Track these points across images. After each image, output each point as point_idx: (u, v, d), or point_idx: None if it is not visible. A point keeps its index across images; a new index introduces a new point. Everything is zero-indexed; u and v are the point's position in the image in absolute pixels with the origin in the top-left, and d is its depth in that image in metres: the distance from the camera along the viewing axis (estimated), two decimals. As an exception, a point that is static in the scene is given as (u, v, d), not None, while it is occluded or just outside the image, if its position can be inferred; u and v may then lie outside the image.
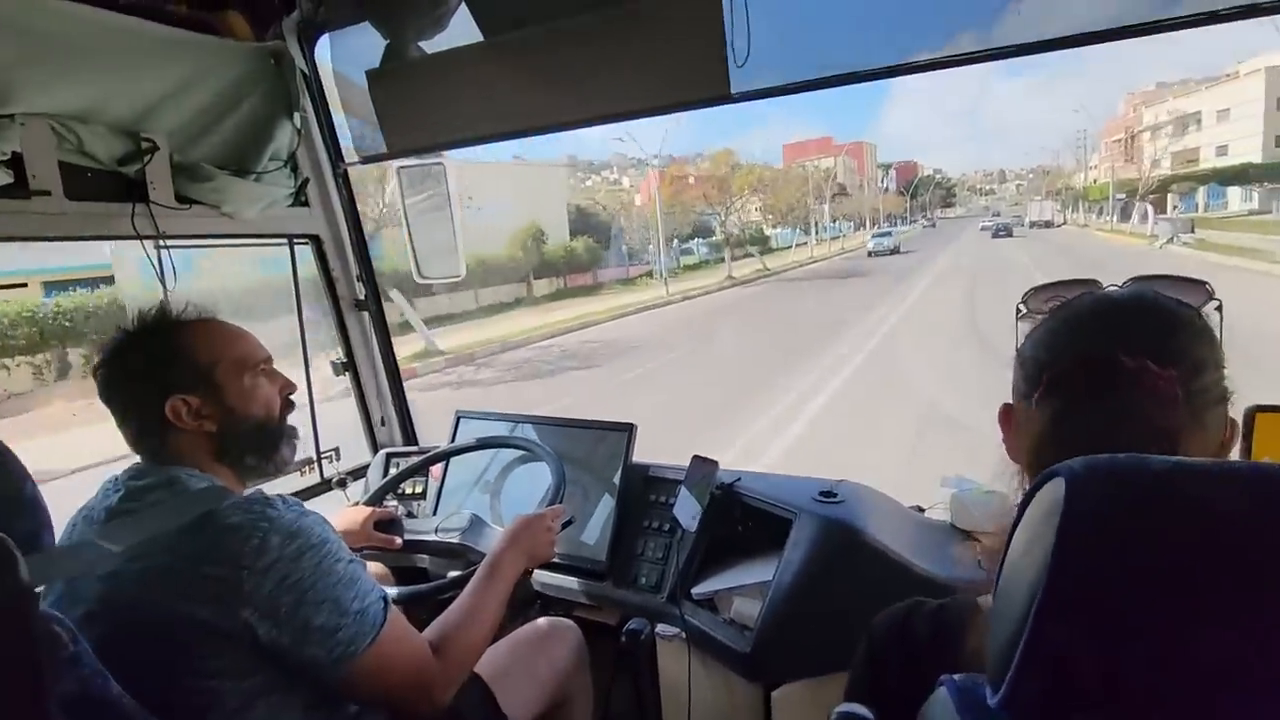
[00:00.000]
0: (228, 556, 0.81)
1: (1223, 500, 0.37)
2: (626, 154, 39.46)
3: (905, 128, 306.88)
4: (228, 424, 0.96)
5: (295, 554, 0.83)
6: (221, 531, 0.83)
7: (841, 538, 1.23)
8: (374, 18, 1.51)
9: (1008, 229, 43.29)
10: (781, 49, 1.31)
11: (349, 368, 1.93)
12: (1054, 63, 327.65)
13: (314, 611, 0.83)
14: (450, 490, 1.73)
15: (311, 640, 0.83)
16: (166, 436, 0.93)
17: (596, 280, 27.28)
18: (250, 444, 1.00)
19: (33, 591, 0.60)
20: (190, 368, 0.95)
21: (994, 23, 1.18)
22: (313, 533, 0.87)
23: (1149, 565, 0.36)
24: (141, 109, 1.31)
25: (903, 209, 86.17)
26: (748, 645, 1.20)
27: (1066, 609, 0.37)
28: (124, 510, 0.88)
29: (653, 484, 1.53)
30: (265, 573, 0.81)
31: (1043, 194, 72.62)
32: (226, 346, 0.99)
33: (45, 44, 1.15)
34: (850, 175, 77.34)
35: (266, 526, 0.83)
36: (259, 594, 0.81)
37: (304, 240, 1.77)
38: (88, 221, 1.30)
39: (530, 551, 1.19)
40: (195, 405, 0.93)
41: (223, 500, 0.86)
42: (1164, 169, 34.86)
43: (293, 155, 1.60)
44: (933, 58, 1.18)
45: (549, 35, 1.32)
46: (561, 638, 1.36)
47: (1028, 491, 0.44)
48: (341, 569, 0.87)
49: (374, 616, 0.88)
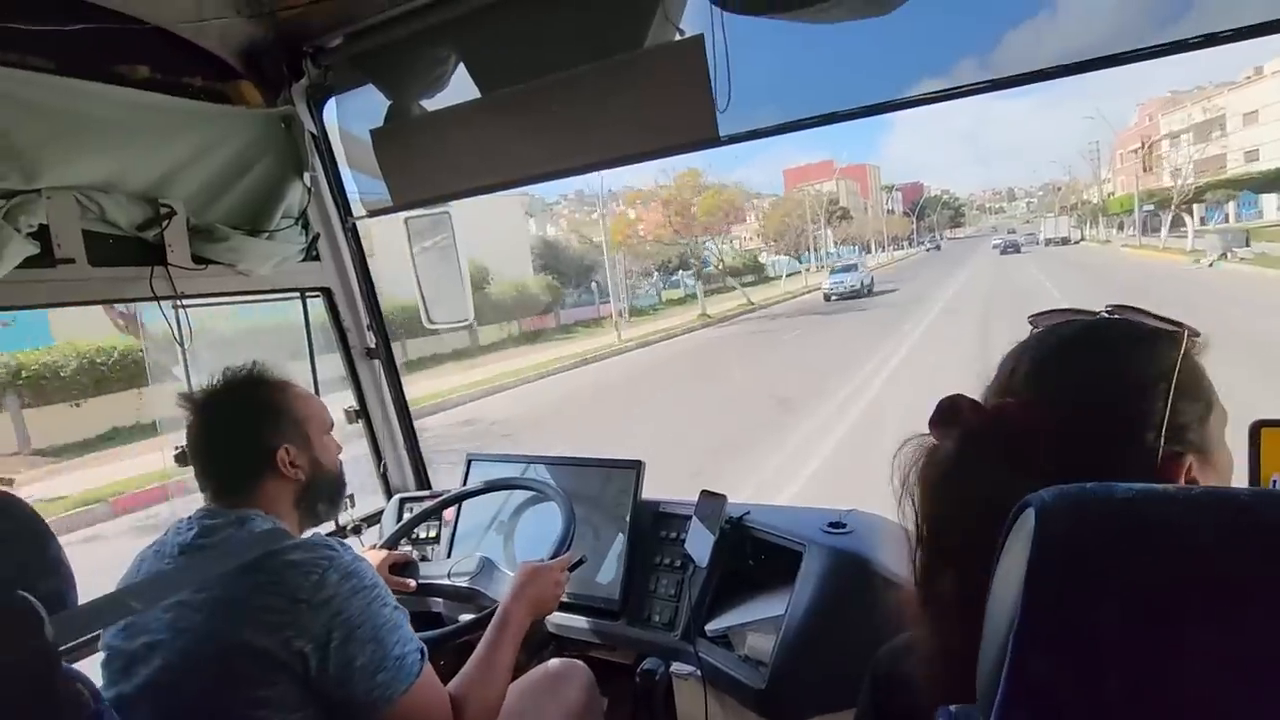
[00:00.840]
0: (288, 589, 0.87)
1: (1192, 526, 0.38)
2: (586, 189, 36.81)
3: (910, 150, 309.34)
4: (314, 474, 1.08)
5: (350, 592, 0.89)
6: (284, 566, 0.89)
7: (851, 569, 1.22)
8: (378, 80, 1.58)
9: (1015, 245, 43.07)
10: (768, 91, 1.35)
11: (362, 415, 1.96)
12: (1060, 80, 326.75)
13: (359, 650, 0.88)
14: (463, 534, 1.75)
15: (353, 678, 0.88)
16: (262, 481, 1.03)
17: (559, 322, 24.35)
18: (325, 493, 1.12)
19: (57, 652, 0.62)
20: (293, 422, 1.06)
21: (981, 54, 1.21)
22: (366, 575, 0.93)
23: (1120, 592, 0.37)
24: (159, 177, 1.38)
25: (908, 230, 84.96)
26: (763, 681, 1.19)
27: (1043, 638, 0.38)
28: (195, 547, 0.95)
29: (663, 520, 1.53)
30: (322, 606, 0.87)
31: (1055, 210, 69.30)
32: (311, 407, 1.11)
33: (70, 122, 1.22)
34: (853, 198, 76.10)
35: (326, 564, 0.90)
36: (315, 626, 0.86)
37: (315, 293, 1.83)
38: (110, 286, 1.36)
39: (537, 601, 1.21)
40: (293, 455, 1.04)
41: (284, 540, 0.94)
42: (1186, 178, 31.16)
43: (304, 212, 1.66)
44: (915, 94, 1.22)
45: (543, 88, 1.37)
46: (572, 679, 1.36)
47: (1005, 523, 0.45)
48: (388, 614, 0.93)
49: (411, 665, 0.92)
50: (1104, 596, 0.37)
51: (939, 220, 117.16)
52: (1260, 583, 0.35)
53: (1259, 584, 0.35)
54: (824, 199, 49.96)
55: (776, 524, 1.39)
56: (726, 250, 29.14)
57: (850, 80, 1.28)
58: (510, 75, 1.42)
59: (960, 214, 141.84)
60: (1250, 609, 0.35)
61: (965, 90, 1.17)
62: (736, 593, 1.40)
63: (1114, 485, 0.40)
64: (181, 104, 1.40)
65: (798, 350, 13.76)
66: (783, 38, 1.27)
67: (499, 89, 1.44)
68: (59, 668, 0.65)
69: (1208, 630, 0.36)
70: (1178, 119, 36.94)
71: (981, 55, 1.22)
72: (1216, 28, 1.01)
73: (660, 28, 1.27)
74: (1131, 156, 42.35)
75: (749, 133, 1.28)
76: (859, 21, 1.24)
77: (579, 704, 1.32)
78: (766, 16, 1.17)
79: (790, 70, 1.39)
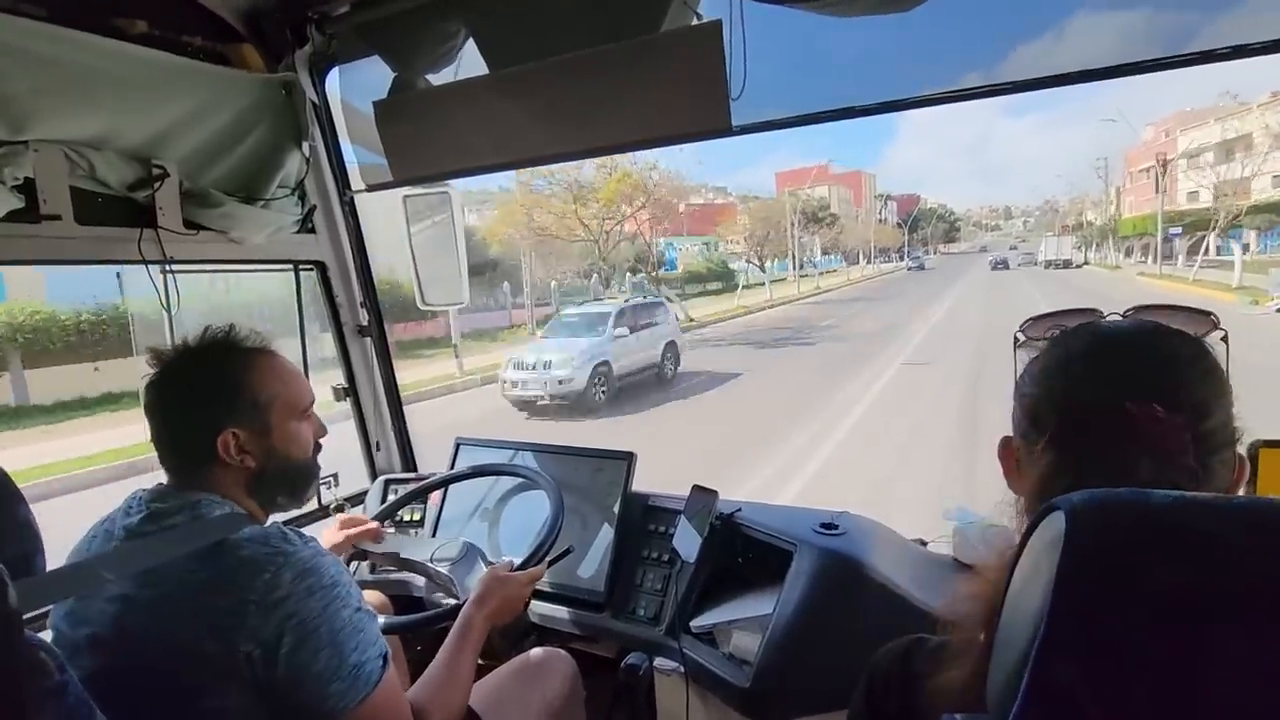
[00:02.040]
0: (237, 588, 0.80)
1: (1224, 534, 0.36)
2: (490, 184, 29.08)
3: (911, 164, 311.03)
4: (268, 463, 0.96)
5: (305, 592, 0.82)
6: (234, 563, 0.82)
7: (842, 570, 1.21)
8: (384, 52, 1.55)
9: (1005, 262, 42.28)
10: (782, 83, 1.33)
11: (350, 393, 1.93)
12: (1064, 98, 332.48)
13: (312, 656, 0.81)
14: (449, 518, 1.72)
15: (304, 686, 0.81)
16: (205, 465, 0.93)
17: (457, 329, 15.74)
18: (284, 484, 1.00)
19: (19, 617, 0.59)
20: (248, 403, 0.94)
21: (996, 60, 1.21)
22: (326, 573, 0.85)
23: (1152, 599, 0.36)
24: (153, 136, 1.34)
25: (899, 242, 79.98)
26: (747, 680, 1.17)
27: (1069, 642, 0.37)
28: (142, 532, 0.87)
29: (652, 514, 1.51)
30: (273, 608, 0.80)
31: (1055, 229, 61.94)
32: (283, 386, 0.99)
33: (61, 73, 1.18)
34: (845, 205, 71.03)
35: (281, 561, 0.82)
36: (263, 629, 0.79)
37: (309, 266, 1.79)
38: (96, 246, 1.32)
39: (500, 609, 1.16)
40: (242, 440, 0.93)
41: (239, 529, 0.86)
42: (1203, 201, 27.55)
43: (300, 183, 1.63)
44: (930, 93, 1.20)
45: (553, 69, 1.34)
46: (555, 669, 1.34)
47: (1029, 524, 0.43)
48: (348, 615, 0.85)
49: (370, 673, 0.85)
50: (1135, 602, 0.35)
51: (933, 234, 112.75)
52: None
53: None
54: (814, 203, 46.58)
55: (768, 522, 1.37)
56: (695, 253, 26.75)
57: (866, 76, 1.26)
58: (520, 53, 1.39)
59: (955, 228, 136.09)
60: None
61: (981, 91, 1.16)
62: (724, 590, 1.38)
63: (1147, 491, 0.39)
64: (179, 63, 1.35)
65: (682, 421, 8.98)
66: (800, 29, 1.26)
67: (507, 67, 1.41)
68: (21, 634, 0.62)
69: (1239, 638, 0.34)
70: (1199, 135, 32.18)
71: (998, 58, 1.22)
72: (1242, 40, 1.01)
73: (677, 12, 1.24)
74: (1143, 176, 37.84)
75: (761, 123, 1.26)
76: (878, 17, 1.23)
77: (560, 694, 1.30)
78: (786, 5, 1.15)
79: (806, 63, 1.37)
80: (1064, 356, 0.59)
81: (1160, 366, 0.55)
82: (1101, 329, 0.60)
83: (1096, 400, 0.54)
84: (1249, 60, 1.02)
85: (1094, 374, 0.56)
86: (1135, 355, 0.56)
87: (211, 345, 0.96)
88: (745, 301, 25.55)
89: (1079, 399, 0.55)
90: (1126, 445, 0.52)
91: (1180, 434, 0.51)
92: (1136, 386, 0.53)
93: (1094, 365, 0.57)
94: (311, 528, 1.72)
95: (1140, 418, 0.52)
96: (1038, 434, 0.57)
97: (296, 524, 1.71)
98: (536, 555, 1.30)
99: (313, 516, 1.78)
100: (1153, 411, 0.51)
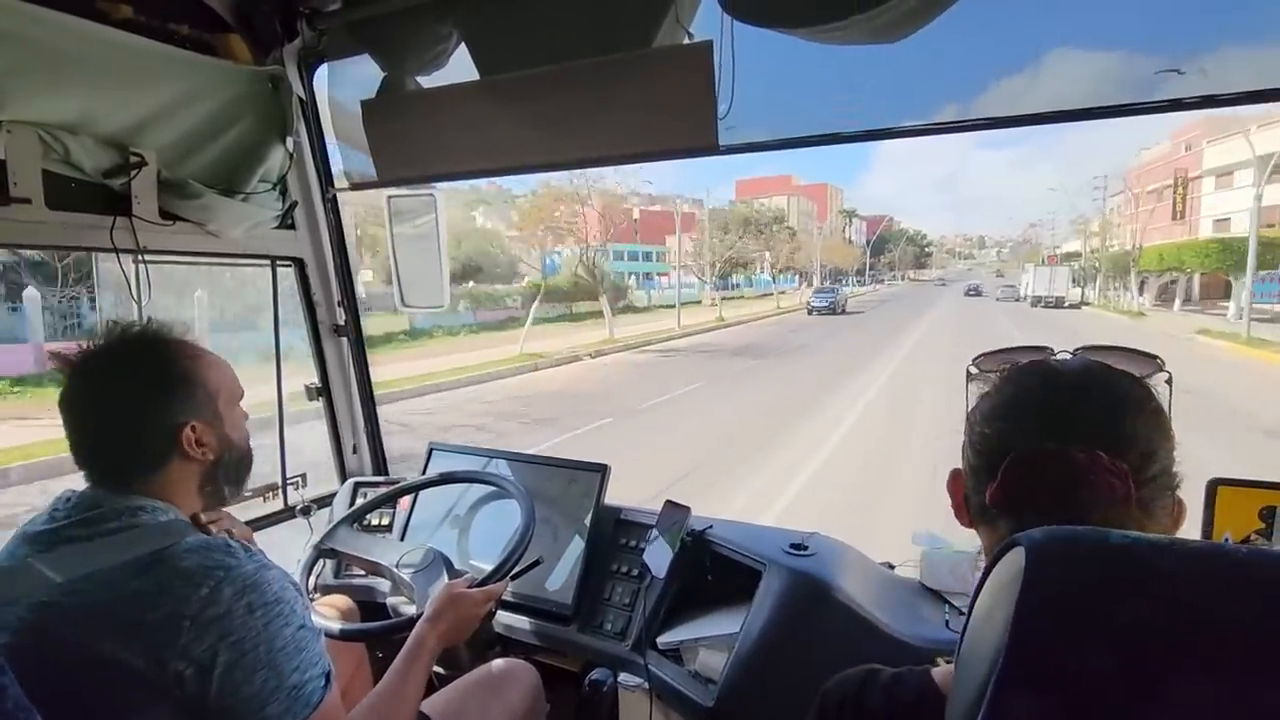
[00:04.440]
0: (172, 602, 0.75)
1: (1183, 577, 0.37)
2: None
3: (887, 192, 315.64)
4: (223, 454, 0.93)
5: (245, 610, 0.77)
6: (171, 575, 0.77)
7: (810, 591, 1.21)
8: (374, 51, 1.54)
9: (977, 289, 40.44)
10: (769, 106, 1.35)
11: (324, 393, 1.90)
12: (1036, 139, 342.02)
13: (247, 677, 0.76)
14: (417, 524, 1.69)
15: (238, 709, 0.76)
16: (162, 464, 0.88)
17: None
18: (233, 474, 0.97)
19: None
20: (203, 393, 0.91)
21: (976, 95, 1.24)
22: (269, 589, 0.80)
23: (1109, 639, 0.36)
24: (133, 123, 1.31)
25: (856, 263, 69.81)
26: (711, 699, 1.17)
27: (1026, 679, 0.37)
28: (70, 538, 0.81)
29: (623, 527, 1.51)
30: (208, 626, 0.75)
31: (1039, 258, 50.04)
32: (223, 374, 0.95)
33: (39, 54, 1.15)
34: (806, 219, 65.91)
35: (221, 575, 0.78)
36: (196, 647, 0.74)
37: (287, 262, 1.77)
38: (67, 232, 1.29)
39: (452, 629, 1.15)
40: (200, 432, 0.89)
41: (182, 538, 0.81)
42: (1235, 230, 22.51)
43: (283, 178, 1.60)
44: (913, 125, 1.22)
45: (543, 78, 1.34)
46: (518, 680, 1.32)
47: (989, 560, 0.44)
48: (289, 634, 0.80)
49: (310, 695, 0.81)
50: (1093, 640, 0.36)
51: (901, 257, 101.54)
52: (1252, 637, 0.35)
53: (1251, 638, 0.35)
54: (767, 214, 41.12)
55: (738, 541, 1.37)
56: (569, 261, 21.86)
57: (853, 104, 1.28)
58: (511, 60, 1.39)
59: (926, 253, 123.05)
60: (1241, 662, 0.34)
61: (963, 125, 1.18)
62: (691, 607, 1.38)
63: (1107, 530, 0.39)
64: (164, 50, 1.33)
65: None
66: (790, 55, 1.27)
67: (498, 73, 1.41)
68: None
69: (1196, 680, 0.35)
70: (1230, 149, 24.83)
71: (979, 94, 1.24)
72: (1211, 91, 1.04)
73: (669, 29, 1.25)
74: (1153, 198, 30.87)
75: (747, 144, 1.27)
76: (865, 48, 1.25)
77: (523, 706, 1.29)
78: (777, 29, 1.16)
79: (794, 88, 1.38)
80: (1014, 396, 0.60)
81: (1109, 412, 0.55)
82: (1052, 370, 0.61)
83: (1044, 445, 0.55)
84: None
85: (1043, 418, 0.57)
86: (1085, 399, 0.57)
87: (148, 337, 0.90)
88: (584, 338, 19.46)
89: (1027, 443, 0.56)
90: (1073, 491, 0.53)
91: (1125, 480, 0.52)
92: (1084, 433, 0.54)
93: (1043, 408, 0.57)
94: (285, 534, 1.70)
95: (1088, 465, 0.53)
96: (987, 475, 0.58)
97: (261, 524, 1.68)
98: (505, 566, 1.28)
99: (279, 517, 1.74)
100: (1099, 460, 0.52)
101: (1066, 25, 1.30)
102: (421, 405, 10.78)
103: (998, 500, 0.57)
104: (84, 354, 0.87)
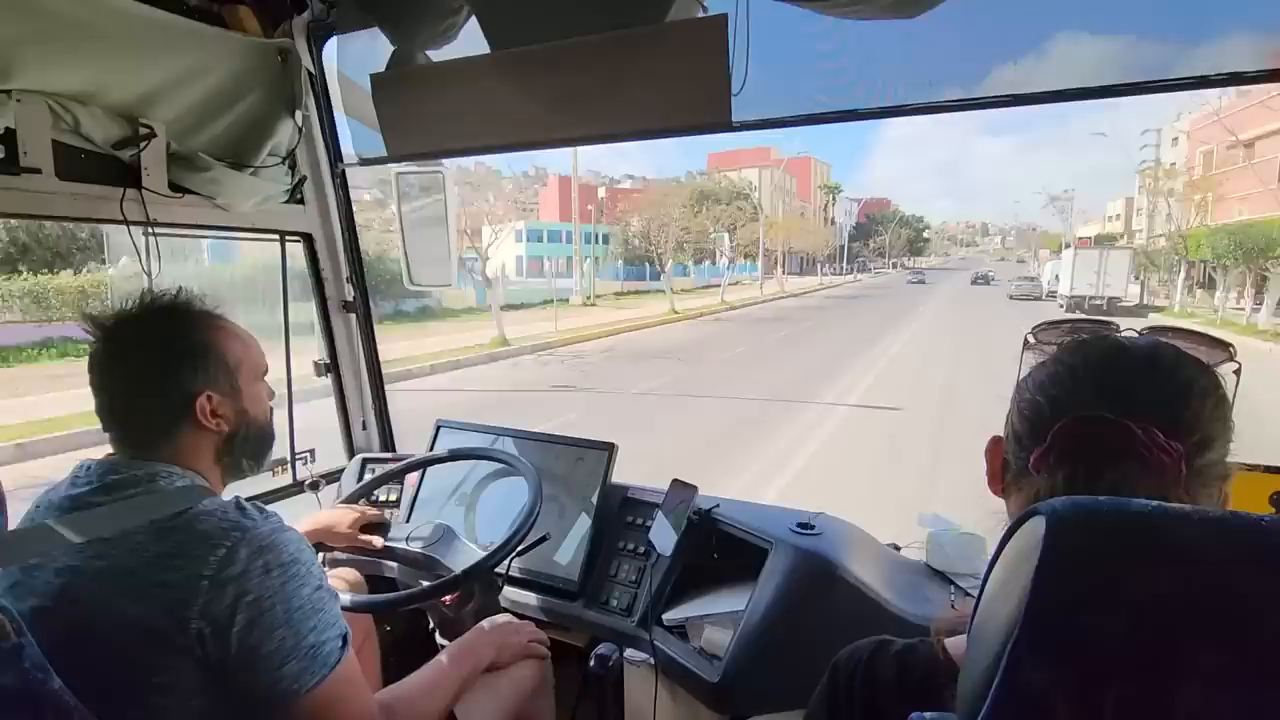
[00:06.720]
0: (190, 562, 0.77)
1: (1204, 546, 0.37)
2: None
3: (888, 176, 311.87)
4: (239, 426, 0.95)
5: (262, 570, 0.79)
6: (190, 536, 0.79)
7: (816, 570, 1.22)
8: (384, 24, 1.52)
9: (985, 277, 39.24)
10: (784, 82, 1.33)
11: (331, 369, 1.91)
12: (1039, 126, 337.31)
13: (265, 636, 0.78)
14: (424, 500, 1.70)
15: (256, 667, 0.78)
16: (172, 432, 0.89)
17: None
18: (250, 447, 0.98)
19: None
20: (222, 365, 0.92)
21: (989, 74, 1.22)
22: (285, 550, 0.82)
23: (1128, 608, 0.36)
24: (143, 95, 1.30)
25: (827, 247, 58.82)
26: (716, 675, 1.18)
27: (1042, 648, 0.37)
28: (91, 502, 0.83)
29: (630, 505, 1.51)
30: (226, 585, 0.77)
31: (1069, 238, 37.42)
32: (246, 349, 0.97)
33: (50, 23, 1.14)
34: (785, 196, 56.60)
35: (239, 536, 0.80)
36: (215, 606, 0.76)
37: (296, 238, 1.76)
38: (77, 203, 1.29)
39: (500, 648, 1.24)
40: (216, 403, 0.91)
41: (199, 501, 0.83)
42: None
43: (292, 152, 1.60)
44: (927, 102, 1.20)
45: (555, 52, 1.33)
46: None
47: (1009, 528, 0.43)
48: (307, 594, 0.82)
49: (328, 655, 0.82)
50: (1112, 609, 0.36)
51: (892, 242, 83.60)
52: (1273, 608, 0.34)
53: (1272, 609, 0.34)
54: (725, 188, 36.48)
55: (745, 519, 1.37)
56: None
57: (868, 80, 1.26)
58: (523, 34, 1.37)
59: (922, 238, 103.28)
60: (1261, 632, 0.34)
61: (983, 102, 1.17)
62: (697, 585, 1.39)
63: (1129, 500, 0.39)
64: (173, 20, 1.32)
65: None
66: (806, 30, 1.25)
67: (510, 47, 1.39)
68: None
69: (1215, 650, 0.35)
70: None
71: (1000, 68, 1.22)
72: (1207, 71, 1.04)
73: (684, 3, 1.23)
74: (1246, 151, 21.91)
75: (761, 120, 1.25)
76: (882, 23, 1.23)
77: (529, 681, 1.30)
78: (793, 3, 1.14)
79: (809, 64, 1.36)
80: (1076, 366, 0.57)
81: (1172, 393, 0.53)
82: (1119, 345, 0.58)
83: (1097, 413, 0.53)
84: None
85: (1104, 389, 0.55)
86: (1150, 377, 0.54)
87: (173, 307, 0.92)
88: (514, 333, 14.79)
89: (1084, 411, 0.54)
90: (1121, 460, 0.51)
91: (1178, 461, 0.50)
92: (1144, 409, 0.52)
93: (1105, 380, 0.55)
94: (294, 509, 1.71)
95: (1142, 438, 0.51)
96: (1032, 441, 0.56)
97: (270, 499, 1.69)
98: (512, 540, 1.29)
99: (287, 492, 1.76)
100: (1155, 436, 0.50)
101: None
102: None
103: (1043, 461, 0.55)
104: (115, 317, 0.89)
